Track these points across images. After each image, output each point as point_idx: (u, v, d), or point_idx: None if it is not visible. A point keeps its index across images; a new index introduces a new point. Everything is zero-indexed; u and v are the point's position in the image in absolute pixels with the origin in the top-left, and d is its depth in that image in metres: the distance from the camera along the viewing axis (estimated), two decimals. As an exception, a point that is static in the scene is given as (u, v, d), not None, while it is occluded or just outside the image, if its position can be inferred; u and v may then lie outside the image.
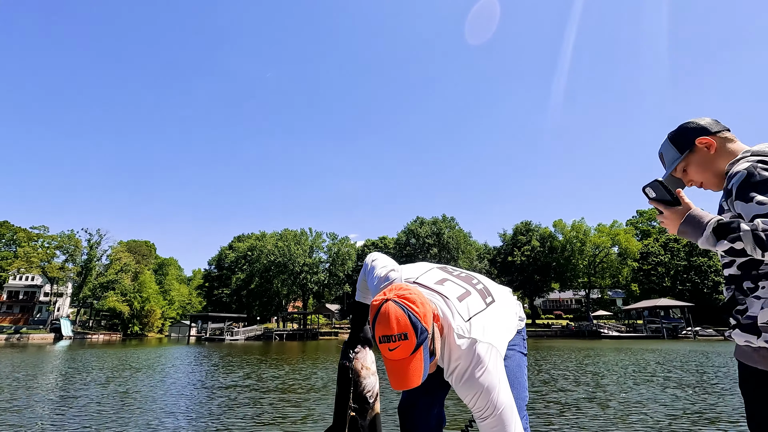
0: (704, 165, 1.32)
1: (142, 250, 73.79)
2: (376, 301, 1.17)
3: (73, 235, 62.72)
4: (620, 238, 56.01)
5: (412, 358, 1.11)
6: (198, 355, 18.58)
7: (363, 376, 1.40)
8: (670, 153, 1.40)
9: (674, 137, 1.39)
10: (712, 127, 1.32)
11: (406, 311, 1.12)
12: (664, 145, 1.43)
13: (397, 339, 1.09)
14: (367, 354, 1.45)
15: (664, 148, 1.43)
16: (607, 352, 18.02)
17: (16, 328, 54.02)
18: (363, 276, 1.64)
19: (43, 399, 6.68)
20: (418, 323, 1.12)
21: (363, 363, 1.43)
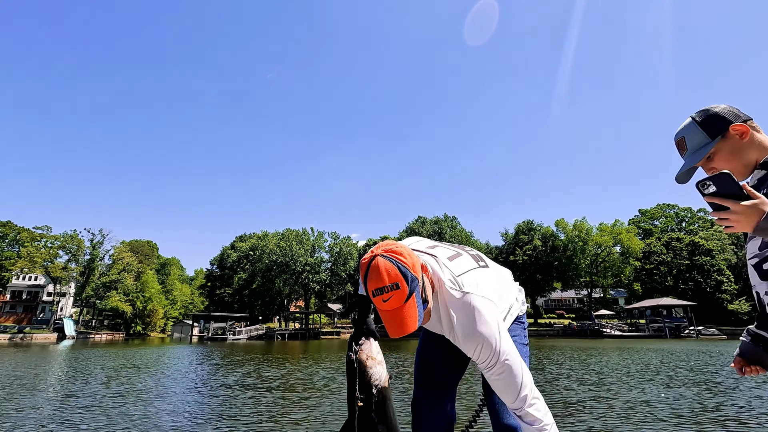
0: (734, 153, 1.22)
1: (144, 250, 74.00)
2: (365, 259, 1.21)
3: (75, 235, 62.92)
4: (622, 237, 55.88)
5: (406, 306, 1.16)
6: (201, 354, 18.62)
7: (369, 366, 1.42)
8: (697, 138, 1.27)
9: (704, 121, 1.26)
10: (742, 116, 1.25)
11: (395, 262, 1.18)
12: (688, 129, 1.29)
13: (390, 289, 1.15)
14: (371, 345, 1.47)
15: (687, 132, 1.29)
16: (609, 351, 17.98)
17: (20, 327, 54.25)
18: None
19: (46, 399, 6.70)
20: (408, 272, 1.17)
21: (368, 354, 1.45)
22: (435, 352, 1.65)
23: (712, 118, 1.25)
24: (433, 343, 1.66)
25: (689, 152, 1.29)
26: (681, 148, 1.32)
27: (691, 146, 1.28)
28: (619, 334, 41.71)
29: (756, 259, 1.20)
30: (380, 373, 1.44)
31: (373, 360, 1.45)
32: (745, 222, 1.02)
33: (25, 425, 4.80)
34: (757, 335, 1.35)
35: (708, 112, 1.27)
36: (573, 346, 22.94)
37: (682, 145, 1.31)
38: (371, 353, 1.46)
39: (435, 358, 1.65)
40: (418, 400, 1.64)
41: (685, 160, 1.30)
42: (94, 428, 4.66)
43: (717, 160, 1.25)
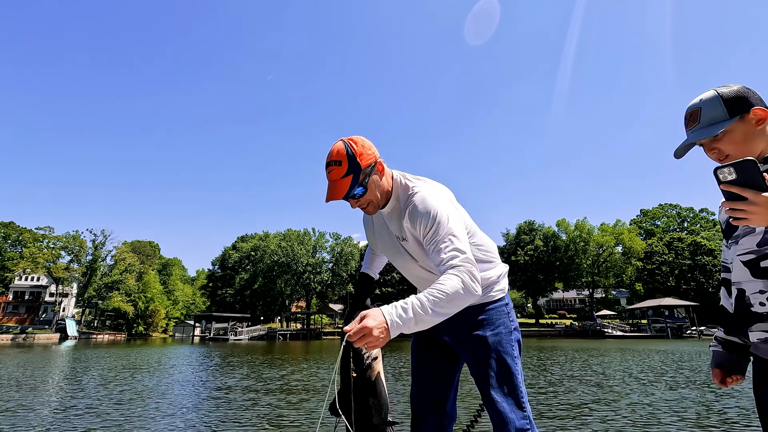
0: (746, 138, 1.14)
1: (146, 251, 74.15)
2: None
3: (78, 236, 63.09)
4: (624, 238, 55.79)
5: (340, 181, 1.39)
6: (202, 355, 18.65)
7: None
8: (716, 112, 1.16)
9: (729, 97, 1.15)
10: (764, 101, 1.16)
11: (346, 146, 1.41)
12: (709, 102, 1.17)
13: (333, 164, 1.39)
14: None
15: (707, 105, 1.18)
16: (611, 352, 17.95)
17: (22, 328, 54.42)
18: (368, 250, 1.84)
19: (48, 399, 6.73)
20: (354, 158, 1.39)
21: None
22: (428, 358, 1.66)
23: (736, 95, 1.15)
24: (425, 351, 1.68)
25: (701, 125, 1.18)
26: (692, 120, 1.21)
27: (706, 119, 1.18)
28: (620, 335, 41.62)
29: (751, 256, 1.12)
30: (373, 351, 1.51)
31: None
32: (764, 216, 0.93)
33: (25, 426, 4.82)
34: (728, 342, 1.31)
35: (733, 89, 1.17)
36: (574, 346, 22.91)
37: (695, 116, 1.20)
38: None
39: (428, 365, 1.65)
40: (415, 393, 1.66)
41: (693, 132, 1.20)
42: (95, 430, 4.68)
43: (725, 141, 1.16)
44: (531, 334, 46.79)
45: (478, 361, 1.50)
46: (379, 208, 1.53)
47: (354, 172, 1.39)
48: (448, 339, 1.60)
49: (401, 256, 1.55)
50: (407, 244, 1.49)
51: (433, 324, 1.20)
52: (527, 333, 47.06)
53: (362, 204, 1.48)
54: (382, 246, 1.64)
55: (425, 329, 1.52)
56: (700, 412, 5.36)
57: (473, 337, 1.51)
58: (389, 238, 1.57)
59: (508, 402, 1.43)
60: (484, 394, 1.47)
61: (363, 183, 1.42)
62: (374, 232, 1.67)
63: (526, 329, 49.62)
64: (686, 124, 1.23)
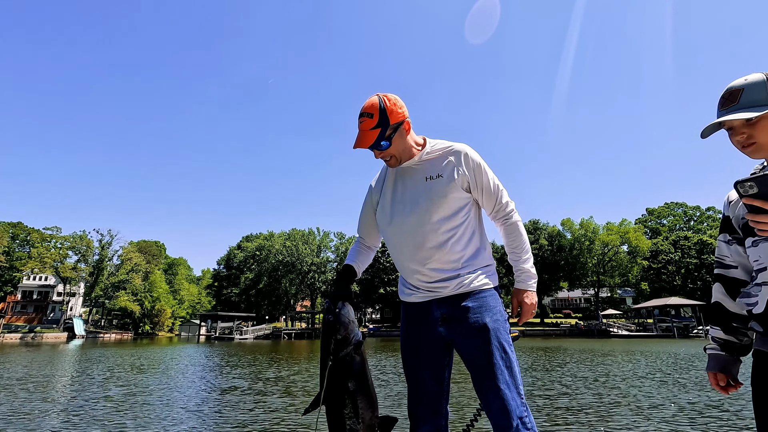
0: None
1: (152, 250, 74.63)
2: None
3: (85, 236, 63.66)
4: (630, 236, 55.49)
5: (369, 132, 1.52)
6: (209, 354, 18.79)
7: (350, 330, 1.53)
8: (760, 95, 1.08)
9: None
10: None
11: (380, 101, 1.54)
12: (754, 83, 1.10)
13: (365, 116, 1.53)
14: (349, 309, 1.59)
15: (752, 86, 1.10)
16: (617, 351, 17.89)
17: (31, 327, 55.00)
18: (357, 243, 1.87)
19: (59, 398, 6.84)
20: (385, 113, 1.52)
21: (347, 317, 1.55)
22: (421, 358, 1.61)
23: None
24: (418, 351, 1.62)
25: (739, 106, 1.11)
26: (730, 100, 1.13)
27: (747, 100, 1.10)
28: (626, 334, 41.44)
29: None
30: (355, 332, 1.54)
31: (353, 323, 1.56)
32: None
33: (33, 424, 4.92)
34: (727, 342, 1.25)
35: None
36: (580, 346, 22.83)
37: (734, 96, 1.12)
38: (350, 316, 1.57)
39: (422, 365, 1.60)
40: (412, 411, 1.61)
41: (727, 111, 1.12)
42: (103, 429, 4.77)
43: (759, 127, 1.10)
44: (536, 333, 46.65)
45: (479, 348, 1.48)
46: (399, 163, 1.63)
47: (382, 126, 1.52)
48: (443, 330, 1.56)
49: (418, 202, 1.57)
50: (439, 182, 1.58)
51: None
52: (532, 332, 46.94)
53: (385, 156, 1.61)
54: (394, 202, 1.65)
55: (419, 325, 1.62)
56: (712, 414, 5.35)
57: (473, 324, 1.50)
58: (411, 187, 1.62)
59: (510, 390, 1.43)
60: (484, 383, 1.45)
61: (389, 137, 1.55)
62: (388, 188, 1.70)
63: (530, 329, 49.49)
64: (722, 103, 1.15)
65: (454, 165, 1.59)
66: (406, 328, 1.66)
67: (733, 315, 1.21)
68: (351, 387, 1.48)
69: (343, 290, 1.61)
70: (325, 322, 1.56)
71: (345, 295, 1.60)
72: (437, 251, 1.54)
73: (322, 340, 1.55)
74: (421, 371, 1.59)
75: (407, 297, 1.66)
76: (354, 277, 1.71)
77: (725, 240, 1.26)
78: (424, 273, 1.57)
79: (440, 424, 1.58)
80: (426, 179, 1.60)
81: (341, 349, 1.49)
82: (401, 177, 1.67)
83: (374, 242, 1.86)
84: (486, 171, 1.64)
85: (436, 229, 1.53)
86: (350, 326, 1.53)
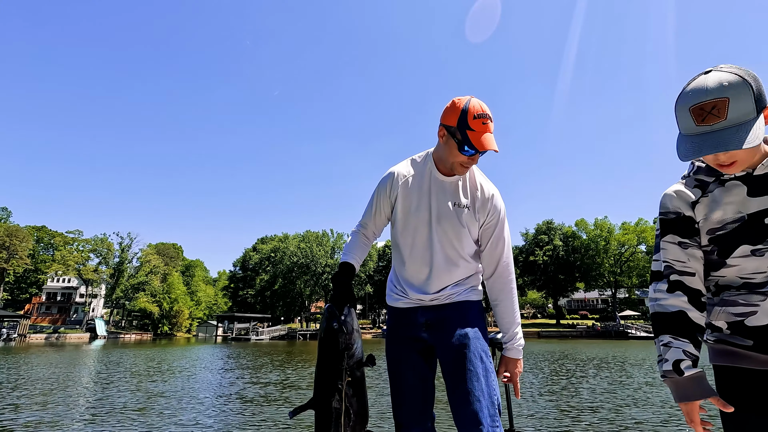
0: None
1: (170, 253, 76.03)
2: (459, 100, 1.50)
3: (105, 239, 65.28)
4: (647, 236, 54.39)
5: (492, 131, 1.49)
6: (229, 355, 19.12)
7: (354, 340, 1.39)
8: (747, 107, 0.90)
9: (758, 89, 0.91)
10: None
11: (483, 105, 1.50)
12: (738, 91, 0.89)
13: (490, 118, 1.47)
14: (353, 315, 1.45)
15: (736, 94, 0.89)
16: (636, 353, 17.63)
17: (55, 327, 56.64)
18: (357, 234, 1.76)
19: (82, 397, 7.14)
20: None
21: (352, 325, 1.41)
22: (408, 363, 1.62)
23: (762, 88, 0.93)
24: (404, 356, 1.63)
25: (732, 121, 0.91)
26: (716, 114, 0.91)
27: (737, 115, 0.90)
28: (645, 335, 40.70)
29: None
30: (361, 347, 1.42)
31: (357, 333, 1.42)
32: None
33: (69, 421, 5.19)
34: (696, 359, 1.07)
35: (758, 80, 0.93)
36: (597, 348, 22.51)
37: (719, 109, 0.91)
38: (355, 324, 1.42)
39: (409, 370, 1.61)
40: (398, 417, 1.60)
41: (713, 128, 0.92)
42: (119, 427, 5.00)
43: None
44: (551, 335, 46.09)
45: (457, 355, 1.49)
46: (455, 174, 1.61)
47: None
48: (427, 336, 1.59)
49: (445, 223, 1.59)
50: (467, 213, 1.59)
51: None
52: (548, 334, 46.40)
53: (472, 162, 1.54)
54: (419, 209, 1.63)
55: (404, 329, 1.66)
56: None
57: (455, 332, 1.53)
58: (443, 204, 1.60)
59: (483, 398, 1.41)
60: (457, 389, 1.45)
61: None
62: (423, 195, 1.63)
63: (546, 330, 48.92)
64: (702, 116, 0.93)
65: (481, 202, 1.60)
66: (392, 332, 1.69)
67: (697, 326, 1.08)
68: (347, 400, 1.36)
69: (346, 293, 1.50)
70: (329, 330, 1.39)
71: (349, 299, 1.49)
72: (447, 269, 1.60)
73: (325, 348, 1.40)
74: (406, 372, 1.60)
75: (394, 302, 1.70)
76: (354, 275, 1.61)
77: (676, 242, 1.12)
78: (425, 282, 1.61)
79: (427, 426, 1.58)
80: (456, 204, 1.60)
81: (347, 360, 1.36)
82: (436, 190, 1.62)
83: (376, 235, 1.79)
84: (504, 224, 1.63)
85: (455, 252, 1.60)
86: (354, 335, 1.41)
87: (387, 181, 1.68)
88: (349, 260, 1.64)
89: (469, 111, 1.45)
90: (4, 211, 70.64)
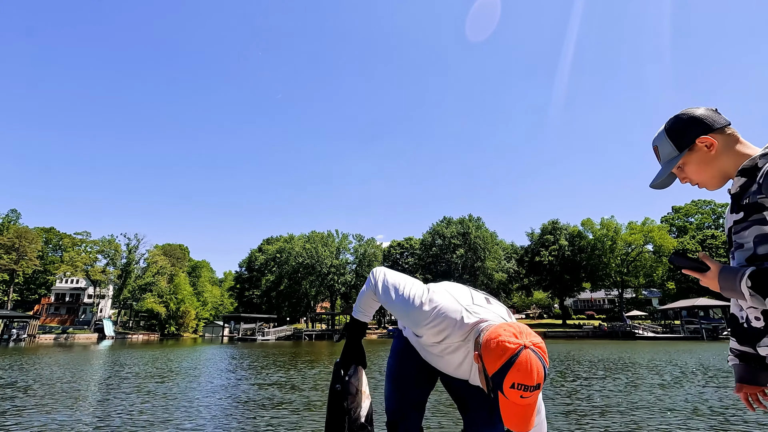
0: (704, 165, 1.19)
1: (176, 253, 76.61)
2: (510, 343, 1.12)
3: (113, 240, 65.90)
4: (654, 235, 53.96)
5: (535, 405, 1.13)
6: (235, 355, 19.24)
7: (359, 401, 1.35)
8: (666, 149, 1.25)
9: (672, 132, 1.23)
10: (714, 124, 1.18)
11: (543, 363, 1.11)
12: (659, 139, 1.27)
13: (534, 389, 1.08)
14: (362, 375, 1.40)
15: (659, 142, 1.27)
16: (645, 353, 17.52)
17: (63, 328, 57.23)
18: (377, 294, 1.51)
19: (91, 397, 7.22)
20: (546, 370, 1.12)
21: (357, 387, 1.37)
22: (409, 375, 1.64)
23: (680, 129, 1.22)
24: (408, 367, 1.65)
25: (662, 161, 1.28)
26: (657, 156, 1.30)
27: (663, 156, 1.27)
28: (652, 336, 40.38)
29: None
30: (367, 408, 1.37)
31: (363, 394, 1.38)
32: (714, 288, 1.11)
33: (67, 423, 5.25)
34: (744, 353, 1.23)
35: (678, 122, 1.23)
36: (603, 348, 22.38)
37: (656, 153, 1.30)
38: (361, 386, 1.38)
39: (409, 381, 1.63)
40: (396, 417, 1.60)
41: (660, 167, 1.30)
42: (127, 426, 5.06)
43: (687, 171, 1.24)
44: (557, 335, 45.87)
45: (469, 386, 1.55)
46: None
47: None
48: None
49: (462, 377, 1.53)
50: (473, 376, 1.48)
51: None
52: (554, 334, 46.18)
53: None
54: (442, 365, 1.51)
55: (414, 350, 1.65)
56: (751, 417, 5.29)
57: None
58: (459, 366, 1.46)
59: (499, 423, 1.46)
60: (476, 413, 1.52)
61: None
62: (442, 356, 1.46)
63: (552, 330, 48.69)
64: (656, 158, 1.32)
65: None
66: (402, 349, 1.67)
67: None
68: None
69: (355, 352, 1.45)
70: (332, 391, 1.37)
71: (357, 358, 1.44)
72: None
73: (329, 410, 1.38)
74: (413, 389, 1.61)
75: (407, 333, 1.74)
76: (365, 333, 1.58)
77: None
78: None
79: (419, 422, 1.63)
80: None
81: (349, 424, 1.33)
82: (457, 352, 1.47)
83: None
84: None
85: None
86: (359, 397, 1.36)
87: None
88: (361, 318, 1.57)
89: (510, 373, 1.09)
90: (14, 213, 71.53)
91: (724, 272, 1.05)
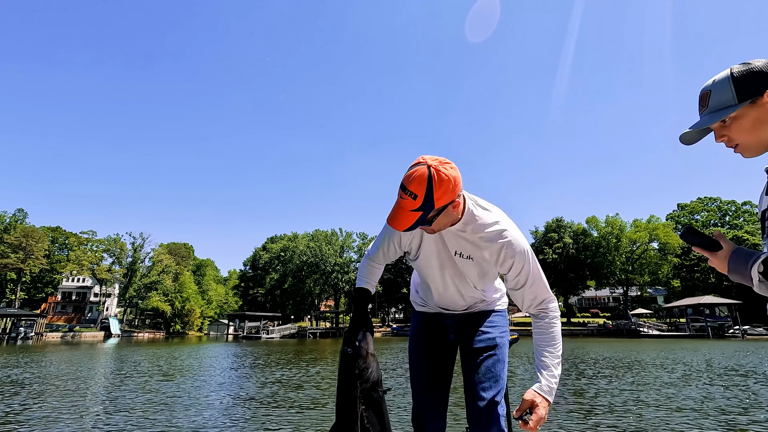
0: (757, 125, 1.01)
1: (181, 252, 76.99)
2: (420, 159, 1.30)
3: (118, 239, 66.37)
4: (659, 233, 53.65)
5: (408, 214, 1.27)
6: (242, 353, 19.35)
7: (369, 364, 1.42)
8: (724, 96, 1.02)
9: (740, 78, 1.01)
10: None
11: (429, 181, 1.24)
12: (720, 84, 1.04)
13: (408, 194, 1.25)
14: (369, 340, 1.48)
15: (718, 87, 1.04)
16: (650, 352, 17.45)
17: (70, 326, 57.70)
18: (369, 252, 1.72)
19: (99, 394, 7.30)
20: (431, 198, 1.24)
21: (368, 350, 1.44)
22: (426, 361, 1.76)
23: (750, 76, 1.01)
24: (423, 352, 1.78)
25: (708, 110, 1.06)
26: (702, 104, 1.09)
27: (714, 104, 1.05)
28: (657, 334, 40.23)
29: None
30: (378, 370, 1.45)
31: (372, 357, 1.45)
32: (721, 269, 1.03)
33: (73, 421, 5.32)
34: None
35: (750, 68, 1.01)
36: (608, 346, 22.30)
37: (704, 100, 1.08)
38: (370, 349, 1.46)
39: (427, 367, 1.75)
40: (420, 411, 1.69)
41: (701, 117, 1.09)
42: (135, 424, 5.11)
43: (734, 128, 1.04)
44: (562, 333, 44.80)
45: (482, 356, 1.66)
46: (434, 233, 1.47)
47: (425, 210, 1.27)
48: (453, 338, 1.78)
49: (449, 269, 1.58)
50: (468, 263, 1.52)
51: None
52: (558, 332, 46.04)
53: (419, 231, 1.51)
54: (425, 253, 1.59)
55: (431, 330, 1.80)
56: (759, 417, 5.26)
57: (483, 335, 1.70)
58: (443, 250, 1.54)
59: (497, 396, 1.58)
60: (478, 385, 1.61)
61: (430, 220, 1.33)
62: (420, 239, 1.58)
63: (557, 328, 48.51)
64: (699, 107, 1.11)
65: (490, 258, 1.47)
66: (419, 331, 1.83)
67: None
68: (367, 423, 1.37)
69: (362, 318, 1.53)
70: (343, 355, 1.44)
71: (364, 324, 1.52)
72: (471, 302, 1.73)
73: (340, 374, 1.45)
74: (432, 368, 1.74)
75: (420, 308, 1.87)
76: (370, 300, 1.68)
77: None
78: (452, 306, 1.75)
79: (445, 416, 1.73)
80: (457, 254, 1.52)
81: (361, 385, 1.38)
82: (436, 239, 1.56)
83: (386, 262, 1.77)
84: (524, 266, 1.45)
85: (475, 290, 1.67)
86: (369, 360, 1.43)
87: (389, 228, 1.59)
88: (364, 285, 1.70)
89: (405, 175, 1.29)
90: (21, 212, 72.15)
91: (737, 254, 0.98)
